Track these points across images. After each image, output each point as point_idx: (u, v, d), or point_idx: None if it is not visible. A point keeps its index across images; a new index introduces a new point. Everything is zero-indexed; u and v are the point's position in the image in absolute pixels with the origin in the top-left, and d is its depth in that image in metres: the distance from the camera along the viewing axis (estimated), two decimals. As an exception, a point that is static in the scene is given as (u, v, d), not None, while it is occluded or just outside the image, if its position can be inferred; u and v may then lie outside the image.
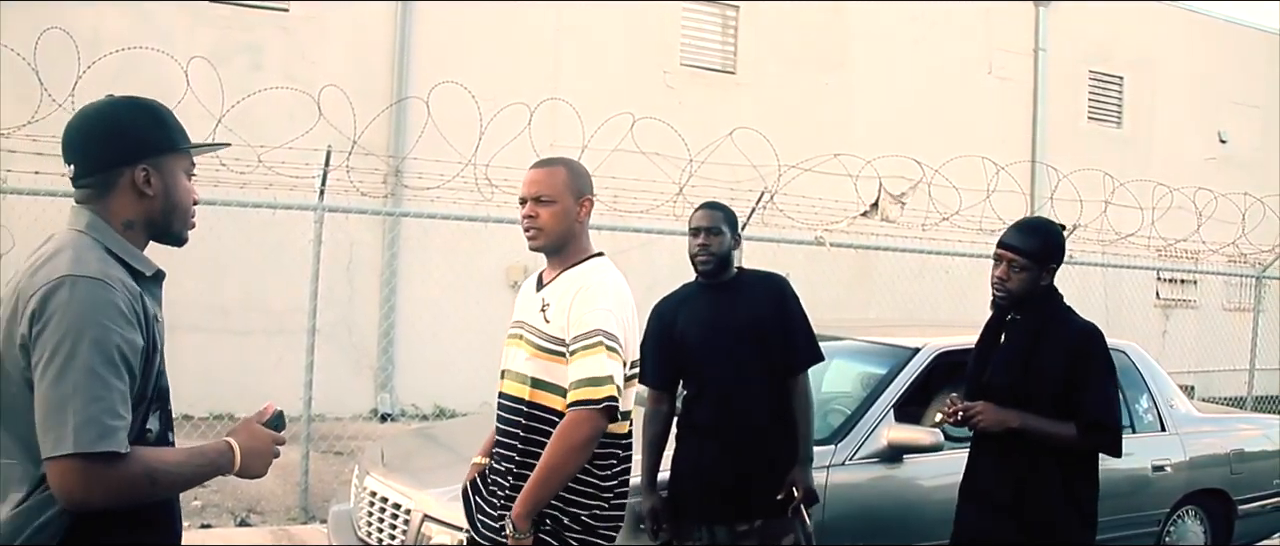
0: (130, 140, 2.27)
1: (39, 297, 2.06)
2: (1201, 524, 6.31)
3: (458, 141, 7.85)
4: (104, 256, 2.18)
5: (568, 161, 3.35)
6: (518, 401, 3.24)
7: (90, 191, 2.26)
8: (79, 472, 1.99)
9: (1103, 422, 3.59)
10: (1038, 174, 14.33)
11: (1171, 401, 6.27)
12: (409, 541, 4.42)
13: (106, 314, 2.08)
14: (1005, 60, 15.57)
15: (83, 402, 2.00)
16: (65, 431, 1.98)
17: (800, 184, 9.15)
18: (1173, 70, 17.13)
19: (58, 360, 2.02)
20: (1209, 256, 12.18)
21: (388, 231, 11.00)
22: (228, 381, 9.88)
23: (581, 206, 3.25)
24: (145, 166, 2.27)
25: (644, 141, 8.68)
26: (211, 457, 2.26)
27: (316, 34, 11.20)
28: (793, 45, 13.84)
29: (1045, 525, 3.63)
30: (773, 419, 4.12)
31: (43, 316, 2.05)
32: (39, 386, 2.02)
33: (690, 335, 4.19)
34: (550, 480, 3.06)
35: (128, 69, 7.40)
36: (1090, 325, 3.77)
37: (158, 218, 2.32)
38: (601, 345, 3.07)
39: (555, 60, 12.21)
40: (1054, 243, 3.79)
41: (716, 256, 4.16)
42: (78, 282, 2.08)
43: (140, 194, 2.27)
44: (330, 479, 7.94)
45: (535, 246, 3.27)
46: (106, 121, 2.28)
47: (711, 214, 4.20)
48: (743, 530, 4.08)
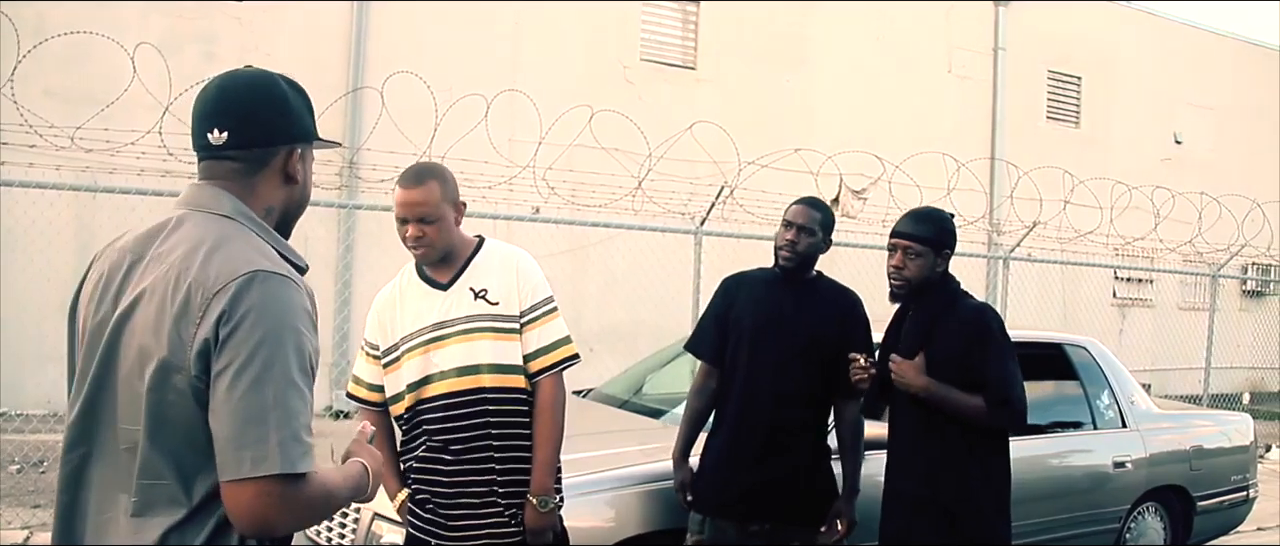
0: (293, 118, 2.03)
1: (230, 295, 1.78)
2: (1161, 520, 6.31)
3: (413, 133, 7.72)
4: (270, 250, 1.93)
5: (436, 172, 3.39)
6: (473, 393, 3.28)
7: (236, 166, 1.98)
8: (277, 495, 1.75)
9: (1008, 398, 3.61)
10: (997, 171, 14.39)
11: (1132, 398, 6.26)
12: (359, 540, 4.30)
13: (299, 317, 1.85)
14: (965, 59, 15.62)
15: (284, 416, 1.76)
16: (267, 448, 1.74)
17: (760, 179, 9.09)
18: (1129, 71, 17.26)
19: (255, 367, 1.76)
20: (1165, 255, 12.28)
21: (342, 224, 10.82)
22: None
23: (457, 211, 3.36)
24: (301, 149, 2.05)
25: (603, 136, 8.60)
26: (357, 479, 2.06)
27: (271, 24, 11.01)
28: (753, 41, 13.80)
29: (960, 509, 3.66)
30: (804, 428, 4.05)
31: (235, 317, 1.77)
32: (228, 394, 1.75)
33: (744, 321, 4.11)
34: (558, 444, 3.35)
35: (74, 55, 7.22)
36: (984, 305, 3.85)
37: (294, 208, 2.09)
38: (555, 310, 3.40)
39: (514, 53, 12.08)
40: (947, 229, 3.83)
41: (800, 255, 4.07)
42: (270, 279, 1.83)
43: (289, 178, 2.03)
44: (282, 476, 7.78)
45: (427, 261, 3.38)
46: (273, 91, 2.02)
47: (809, 212, 4.09)
48: (753, 530, 4.02)
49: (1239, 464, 6.75)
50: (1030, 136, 15.93)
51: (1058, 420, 5.90)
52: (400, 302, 3.44)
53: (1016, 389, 3.64)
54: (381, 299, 3.52)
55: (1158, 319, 16.33)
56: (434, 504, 3.34)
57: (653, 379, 6.20)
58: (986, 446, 3.72)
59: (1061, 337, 6.30)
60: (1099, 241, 10.77)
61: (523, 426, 3.34)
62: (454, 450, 3.30)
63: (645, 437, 5.01)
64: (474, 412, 3.28)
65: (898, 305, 3.98)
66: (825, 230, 4.10)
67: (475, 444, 3.29)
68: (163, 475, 1.83)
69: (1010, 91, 15.91)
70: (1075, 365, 6.08)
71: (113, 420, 1.88)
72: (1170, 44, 17.86)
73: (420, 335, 3.35)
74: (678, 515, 4.31)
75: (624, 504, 4.30)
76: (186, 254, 1.86)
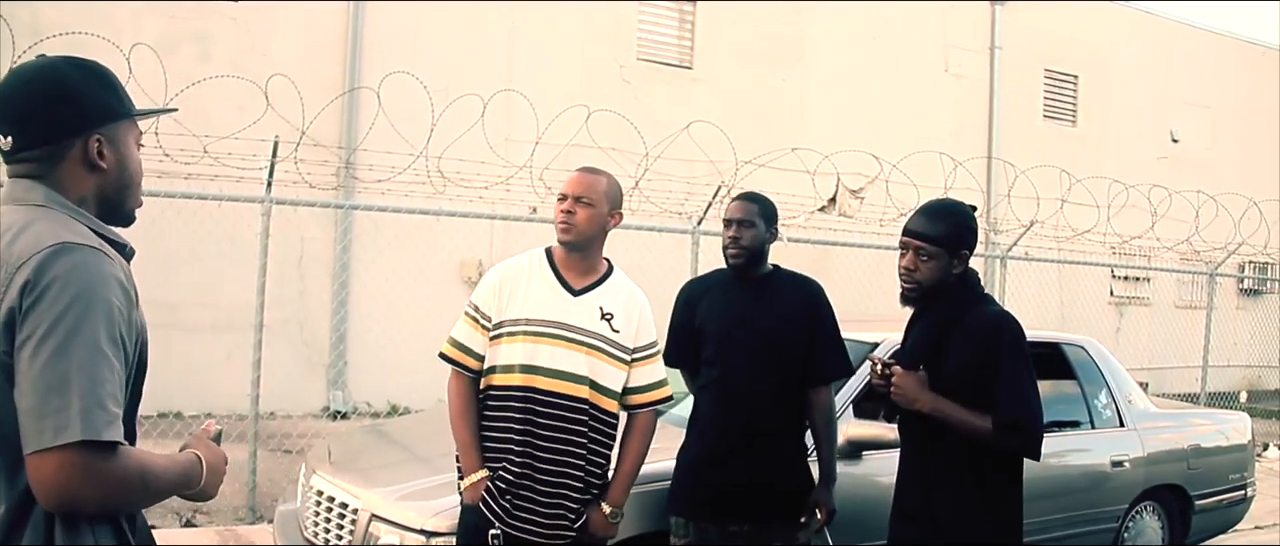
0: (81, 106, 1.97)
1: (33, 266, 1.77)
2: (1159, 519, 6.31)
3: (410, 133, 7.72)
4: (82, 229, 1.90)
5: (609, 175, 3.62)
6: (579, 402, 3.45)
7: (33, 166, 1.95)
8: (79, 466, 1.70)
9: (1018, 422, 3.22)
10: (994, 170, 14.40)
11: (1130, 397, 6.26)
12: (356, 541, 4.29)
13: (109, 287, 1.82)
14: (961, 58, 15.62)
15: (88, 383, 1.72)
16: (68, 416, 1.69)
17: (757, 179, 9.06)
18: (1126, 70, 17.26)
19: (58, 335, 1.72)
20: (1162, 254, 12.27)
21: (339, 225, 10.81)
22: (175, 379, 9.64)
23: (613, 217, 3.57)
24: (99, 136, 1.98)
25: (600, 136, 8.59)
26: (185, 468, 2.00)
27: (267, 25, 11.00)
28: (750, 41, 13.80)
29: (958, 532, 3.32)
30: (781, 425, 4.03)
31: (39, 287, 1.75)
32: (30, 364, 1.72)
33: (708, 325, 4.09)
34: (638, 469, 3.63)
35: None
36: (1002, 312, 3.45)
37: (111, 193, 2.03)
38: (660, 353, 3.66)
39: (510, 53, 12.08)
40: (965, 227, 3.42)
41: (747, 250, 4.02)
42: (76, 250, 1.81)
43: (92, 167, 1.98)
44: (280, 478, 7.76)
45: (564, 240, 3.51)
46: (51, 85, 1.95)
47: (745, 205, 4.06)
48: (734, 530, 4.00)
49: (1237, 462, 6.75)
50: (1027, 135, 15.94)
51: (1055, 420, 5.88)
52: (526, 283, 3.51)
53: (1030, 411, 3.24)
54: (507, 270, 3.57)
55: (1155, 317, 16.35)
56: (502, 488, 3.41)
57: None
58: (993, 466, 3.33)
59: (1059, 337, 6.30)
60: (1096, 240, 10.77)
61: (605, 444, 3.54)
62: (541, 445, 3.41)
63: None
64: (577, 419, 3.44)
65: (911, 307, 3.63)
66: (767, 220, 4.05)
67: (561, 447, 3.42)
68: None
69: (1007, 90, 15.92)
70: (1073, 364, 6.08)
71: None
72: (1167, 43, 17.87)
73: (539, 325, 3.44)
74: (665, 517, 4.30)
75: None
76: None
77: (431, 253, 10.74)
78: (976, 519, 3.33)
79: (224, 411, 9.49)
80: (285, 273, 10.36)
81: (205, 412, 9.59)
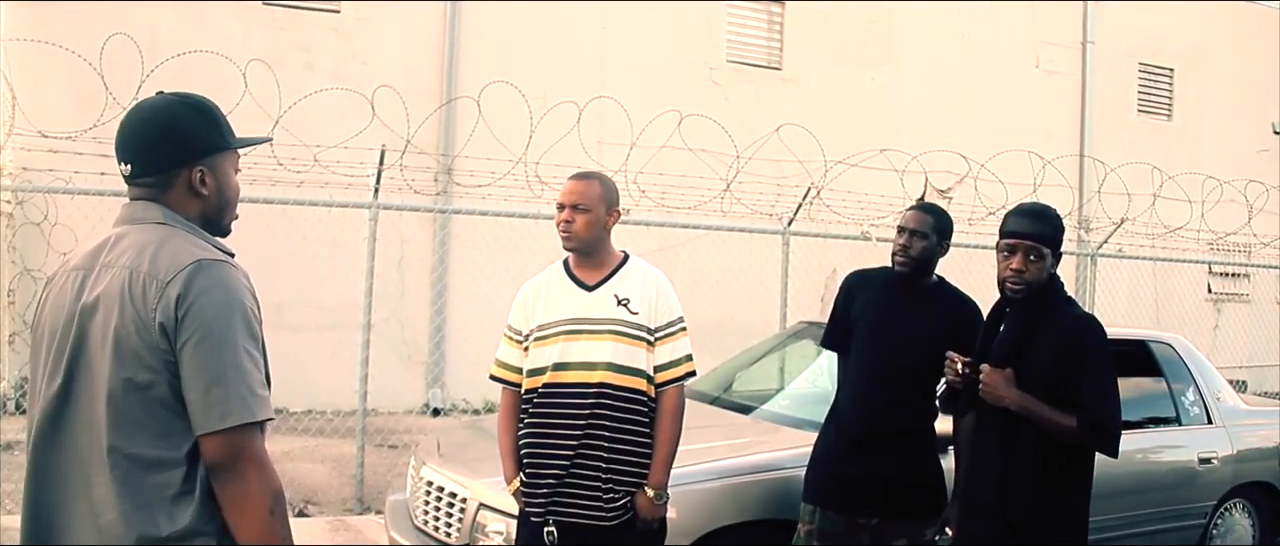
0: (187, 141, 2.30)
1: (182, 280, 2.11)
2: (1249, 517, 6.31)
3: (507, 139, 7.97)
4: (205, 245, 2.25)
5: (602, 176, 3.83)
6: (603, 387, 3.62)
7: (149, 189, 2.30)
8: (239, 442, 2.10)
9: (1103, 423, 3.40)
10: (1085, 168, 14.25)
11: (1218, 394, 6.27)
12: (465, 529, 4.53)
13: (244, 294, 2.18)
14: (1052, 53, 15.46)
15: (238, 375, 2.11)
16: (229, 405, 2.09)
17: (846, 179, 9.20)
18: (1223, 61, 16.91)
19: (212, 338, 2.10)
20: (1261, 249, 12.08)
21: (439, 229, 11.15)
22: (280, 377, 9.88)
23: (611, 216, 3.75)
24: (201, 167, 2.31)
25: (691, 138, 8.76)
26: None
27: (367, 34, 11.37)
28: (838, 41, 13.85)
29: (1026, 523, 3.46)
30: (912, 428, 4.15)
31: (189, 298, 2.10)
32: (191, 363, 2.09)
33: (861, 321, 4.22)
34: (676, 445, 3.74)
35: (186, 72, 7.56)
36: (1087, 316, 3.61)
37: (211, 214, 2.36)
38: (685, 329, 3.76)
39: (602, 58, 12.29)
40: (1061, 227, 3.61)
41: (914, 260, 4.11)
42: (213, 265, 2.16)
43: (195, 193, 2.31)
44: (384, 471, 8.08)
45: (569, 247, 3.76)
46: (164, 122, 2.29)
47: (920, 216, 4.13)
48: (861, 523, 4.13)
49: (1333, 461, 6.70)
50: (1120, 131, 15.71)
51: (1143, 416, 5.93)
52: (545, 293, 3.80)
53: (1113, 413, 3.41)
54: (529, 287, 3.88)
55: (1255, 314, 16.02)
56: (542, 482, 3.67)
57: (742, 376, 6.35)
58: (1066, 460, 3.47)
59: (1146, 335, 6.33)
60: (1190, 236, 10.65)
61: (637, 424, 3.68)
62: (570, 436, 3.63)
63: (734, 433, 5.19)
64: (594, 404, 3.61)
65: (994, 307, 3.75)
66: (940, 234, 4.12)
67: (589, 433, 3.62)
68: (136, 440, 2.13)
69: (1099, 85, 15.70)
70: (1160, 361, 6.11)
71: (89, 404, 2.17)
72: (1264, 33, 17.46)
73: (557, 326, 3.70)
74: (764, 508, 4.49)
75: (715, 495, 4.49)
76: (135, 257, 2.17)
77: (526, 254, 10.96)
78: (1048, 508, 3.48)
79: (327, 407, 9.87)
80: (386, 273, 10.69)
81: (310, 409, 9.96)
